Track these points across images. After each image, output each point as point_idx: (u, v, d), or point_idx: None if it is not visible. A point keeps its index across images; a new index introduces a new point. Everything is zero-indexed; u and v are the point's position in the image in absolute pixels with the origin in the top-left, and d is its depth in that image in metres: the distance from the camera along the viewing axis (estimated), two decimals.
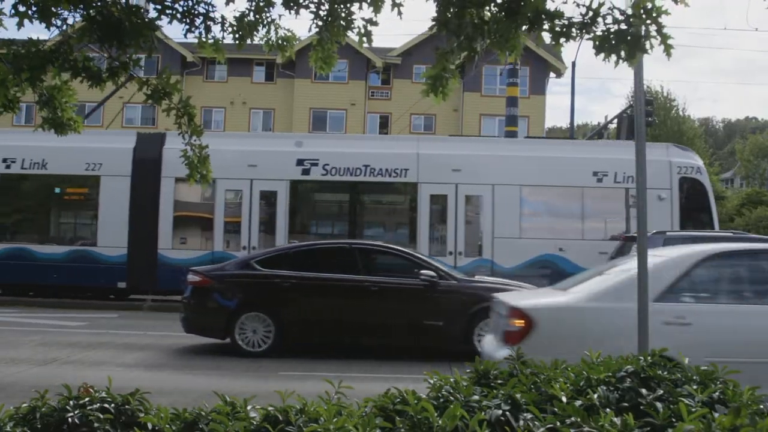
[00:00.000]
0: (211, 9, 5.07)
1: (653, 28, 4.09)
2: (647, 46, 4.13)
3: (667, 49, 4.14)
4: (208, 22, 5.06)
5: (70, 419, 3.11)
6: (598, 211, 18.22)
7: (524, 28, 4.29)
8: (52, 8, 4.53)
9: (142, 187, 17.89)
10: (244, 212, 18.07)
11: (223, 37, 5.17)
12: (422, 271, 11.29)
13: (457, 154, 18.00)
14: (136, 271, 17.81)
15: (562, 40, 4.20)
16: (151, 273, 17.78)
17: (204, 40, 5.11)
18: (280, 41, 5.38)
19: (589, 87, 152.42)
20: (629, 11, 4.15)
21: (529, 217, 17.97)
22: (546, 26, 4.21)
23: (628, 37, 4.11)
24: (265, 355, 10.84)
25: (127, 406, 3.27)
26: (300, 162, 17.99)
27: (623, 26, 4.12)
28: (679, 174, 17.66)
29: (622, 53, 4.15)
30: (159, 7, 4.92)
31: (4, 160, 18.40)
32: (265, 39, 5.33)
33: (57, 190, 19.01)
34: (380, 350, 11.19)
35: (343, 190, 18.60)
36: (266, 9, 5.15)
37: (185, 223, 18.65)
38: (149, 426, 3.08)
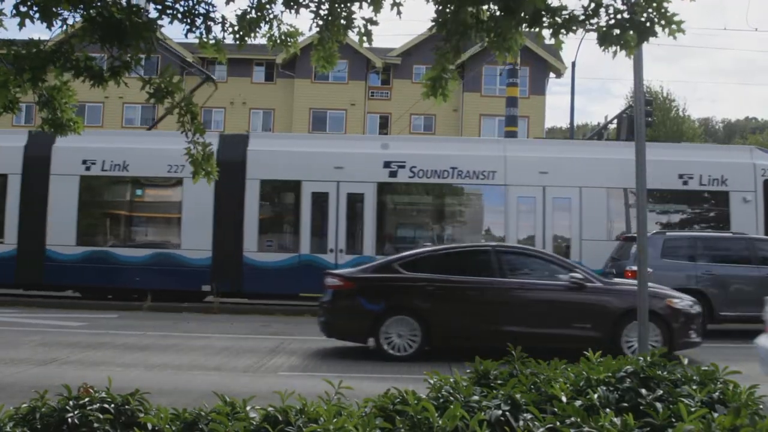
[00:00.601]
0: (211, 9, 5.07)
1: (655, 15, 4.07)
2: (654, 30, 4.09)
3: (673, 32, 4.08)
4: (209, 22, 5.06)
5: (69, 419, 3.11)
6: (683, 214, 18.21)
7: (523, 26, 4.28)
8: (53, 8, 4.52)
9: (227, 189, 17.47)
10: (331, 214, 17.81)
11: (224, 37, 5.17)
12: (571, 274, 11.20)
13: (544, 157, 17.91)
14: (220, 273, 17.54)
15: (562, 33, 4.19)
16: (236, 276, 17.55)
17: (205, 40, 5.11)
18: (283, 37, 5.37)
19: (589, 87, 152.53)
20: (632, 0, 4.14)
21: (616, 219, 17.84)
22: (546, 22, 4.20)
23: (633, 25, 4.08)
24: (411, 360, 10.66)
25: (126, 407, 3.27)
26: (387, 164, 17.80)
27: (626, 15, 4.11)
28: (763, 176, 17.61)
29: (626, 41, 4.13)
30: (159, 7, 4.92)
31: (84, 162, 18.10)
32: (268, 35, 5.32)
33: (139, 192, 18.82)
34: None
35: (430, 193, 18.41)
36: (268, 6, 5.15)
37: (271, 226, 18.49)
38: (149, 426, 3.08)
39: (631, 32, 4.09)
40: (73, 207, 18.05)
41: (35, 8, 4.49)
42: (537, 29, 4.24)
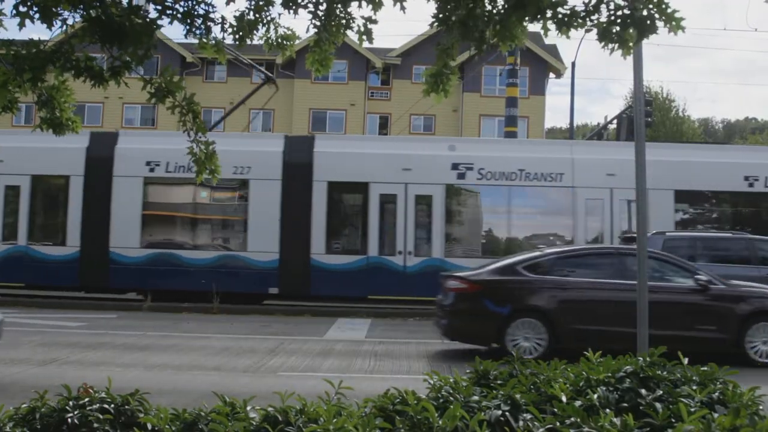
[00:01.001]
0: (211, 9, 5.07)
1: (655, 11, 4.07)
2: (654, 26, 4.10)
3: (675, 28, 4.08)
4: (209, 23, 5.06)
5: (69, 420, 3.11)
6: (748, 216, 18.19)
7: (527, 18, 4.29)
8: (53, 8, 4.53)
9: (293, 191, 17.57)
10: (399, 216, 17.73)
11: (224, 38, 5.17)
12: (695, 276, 11.19)
13: (611, 159, 17.83)
14: (288, 276, 17.49)
15: (564, 29, 4.20)
16: (303, 278, 17.47)
17: (205, 41, 5.11)
18: (279, 40, 5.38)
19: (589, 88, 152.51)
20: None
21: (682, 221, 17.87)
22: (549, 14, 4.21)
23: (633, 21, 4.08)
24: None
25: (126, 407, 3.27)
26: (455, 166, 17.75)
27: (626, 11, 4.11)
28: None
29: (626, 38, 4.13)
30: (159, 7, 4.92)
31: (148, 163, 18.00)
32: (265, 38, 5.32)
33: (204, 194, 18.66)
34: (383, 350, 11.19)
35: (497, 195, 18.22)
36: (266, 8, 5.15)
37: (338, 228, 18.41)
38: (149, 426, 3.08)
39: (632, 29, 4.09)
40: (137, 209, 17.93)
41: (35, 8, 4.49)
42: (541, 21, 4.25)
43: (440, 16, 4.49)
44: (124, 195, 17.74)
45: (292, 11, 4.91)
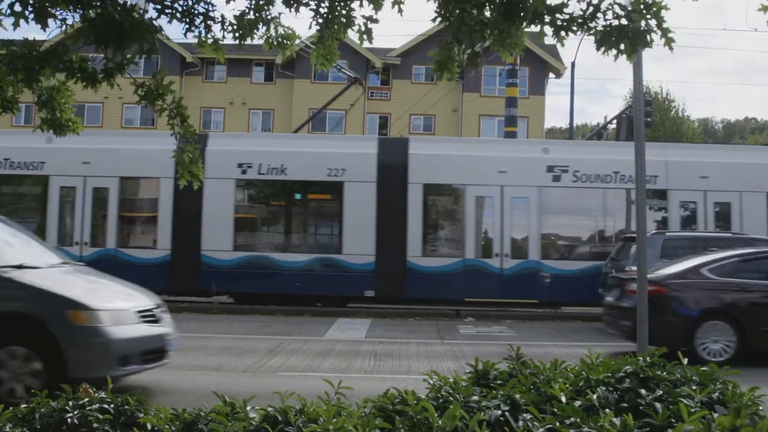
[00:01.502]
0: (210, 8, 5.08)
1: (653, 22, 4.10)
2: (648, 40, 4.14)
3: (668, 43, 4.14)
4: (208, 22, 5.07)
5: (69, 420, 3.11)
6: None
7: (524, 24, 4.30)
8: (49, 9, 4.52)
9: (389, 193, 17.45)
10: (496, 218, 17.67)
11: (223, 37, 5.17)
12: None
13: (705, 162, 17.87)
14: (383, 279, 17.35)
15: (562, 34, 4.21)
16: (399, 281, 17.34)
17: (204, 39, 5.11)
18: (280, 39, 5.38)
19: (588, 88, 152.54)
20: (629, 7, 4.17)
21: None
22: (547, 20, 4.22)
23: (629, 32, 4.12)
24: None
25: (126, 407, 3.27)
26: (550, 168, 17.70)
27: (624, 21, 4.14)
28: None
29: (623, 47, 4.16)
30: (158, 6, 4.93)
31: (240, 165, 17.84)
32: (266, 37, 5.32)
33: (297, 196, 18.55)
34: (383, 350, 11.18)
35: (592, 197, 18.12)
36: (266, 7, 5.16)
37: (434, 230, 18.35)
38: (148, 426, 3.08)
39: (626, 41, 4.12)
40: (228, 211, 17.77)
41: (30, 8, 4.49)
42: (539, 26, 4.26)
43: (442, 12, 4.50)
44: (216, 197, 17.48)
45: (293, 9, 4.91)
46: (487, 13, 4.48)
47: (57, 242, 17.13)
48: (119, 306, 7.53)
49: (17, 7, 4.47)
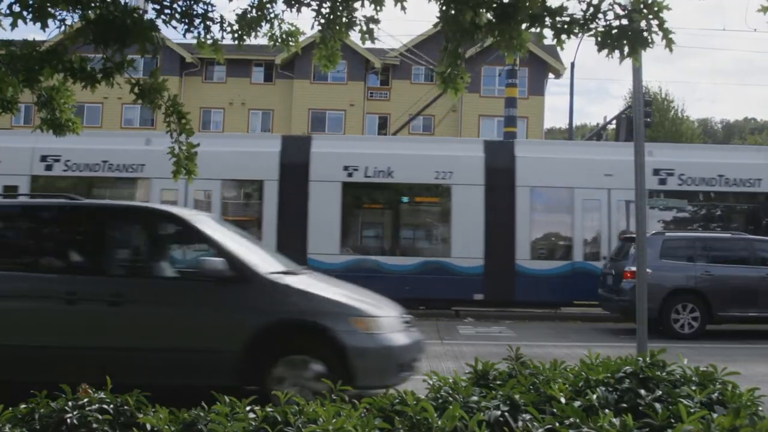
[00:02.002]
0: (210, 9, 5.08)
1: (654, 23, 4.10)
2: (649, 40, 4.14)
3: (669, 44, 4.14)
4: (207, 22, 5.07)
5: (68, 420, 3.11)
6: None
7: (524, 26, 4.30)
8: (49, 9, 4.52)
9: (496, 196, 17.33)
10: (603, 222, 17.63)
11: (223, 37, 5.17)
12: None
13: None
14: (493, 282, 17.22)
15: (563, 36, 4.21)
16: (508, 284, 17.24)
17: (203, 40, 5.11)
18: (284, 36, 5.38)
19: (588, 88, 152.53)
20: (630, 7, 4.17)
21: None
22: (548, 23, 4.22)
23: (630, 33, 4.12)
24: None
25: (125, 407, 3.27)
26: (656, 171, 17.58)
27: (624, 22, 4.13)
28: None
29: (625, 49, 4.16)
30: (157, 7, 4.93)
31: (346, 168, 17.64)
32: (269, 34, 5.32)
33: (405, 199, 18.36)
34: None
35: (696, 199, 18.19)
36: (268, 5, 5.16)
37: (542, 233, 18.22)
38: (148, 427, 3.08)
39: (626, 41, 4.12)
40: (335, 214, 17.61)
41: (28, 9, 4.49)
42: (539, 29, 4.26)
43: (444, 17, 4.50)
44: (321, 200, 17.35)
45: (294, 10, 4.91)
46: (485, 16, 4.49)
47: None
48: (389, 312, 7.25)
49: (16, 8, 4.47)
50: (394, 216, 18.51)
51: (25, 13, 4.48)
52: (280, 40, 5.38)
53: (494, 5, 4.33)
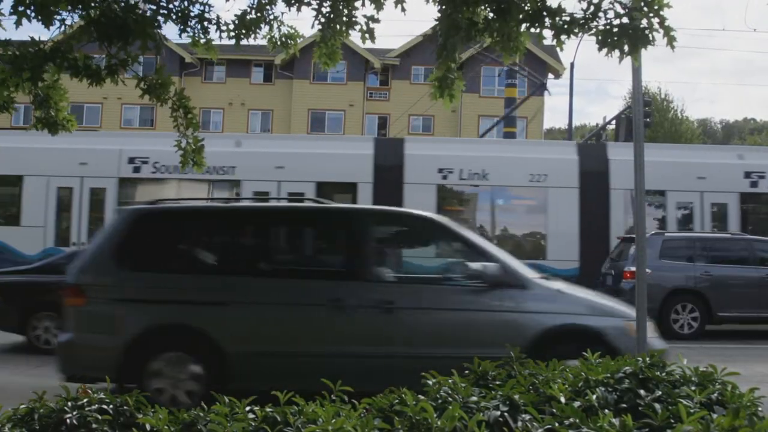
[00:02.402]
0: (207, 9, 5.08)
1: (655, 20, 4.10)
2: (650, 38, 4.13)
3: (670, 41, 4.14)
4: (204, 23, 5.07)
5: (68, 420, 3.11)
6: None
7: (524, 26, 4.30)
8: (51, 8, 4.53)
9: (590, 199, 17.43)
10: (695, 224, 17.68)
11: (220, 37, 5.18)
12: None
13: None
14: (588, 284, 17.46)
15: (563, 36, 4.21)
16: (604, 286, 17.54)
17: (197, 39, 5.12)
18: (283, 39, 5.39)
19: (587, 88, 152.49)
20: (630, 4, 4.16)
21: None
22: (548, 23, 4.22)
23: (630, 31, 4.11)
24: None
25: (125, 407, 3.26)
26: (747, 174, 17.73)
27: (625, 20, 4.13)
28: None
29: (626, 48, 4.16)
30: (154, 7, 4.93)
31: (441, 171, 17.70)
32: (269, 36, 5.33)
33: (500, 201, 18.43)
34: None
35: None
36: (268, 7, 5.16)
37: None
38: (147, 427, 3.08)
39: (627, 39, 4.12)
40: None
41: (32, 8, 4.50)
42: (538, 29, 4.26)
43: (443, 17, 4.50)
44: (416, 203, 16.80)
45: (295, 9, 4.91)
46: (483, 13, 4.49)
47: None
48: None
49: (20, 7, 4.48)
50: (489, 219, 18.50)
51: (29, 12, 4.49)
52: (279, 42, 5.39)
53: (491, 1, 4.33)
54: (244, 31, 5.14)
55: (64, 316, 7.23)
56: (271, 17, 5.25)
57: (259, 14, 5.16)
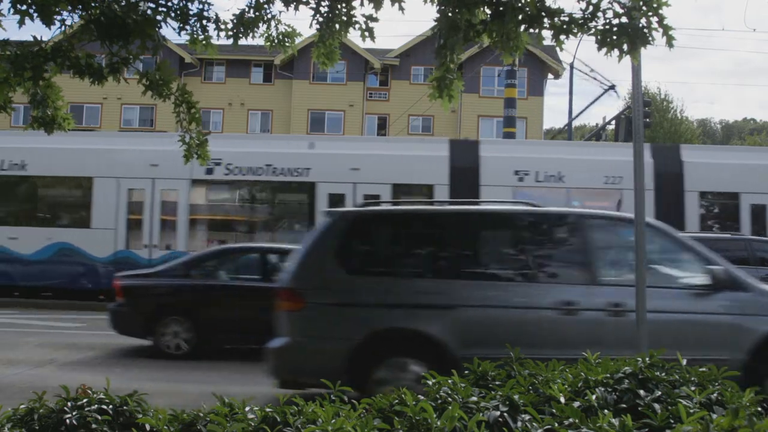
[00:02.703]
0: (206, 8, 5.09)
1: (654, 20, 4.11)
2: (649, 37, 4.14)
3: (669, 41, 4.15)
4: (203, 21, 5.08)
5: (68, 420, 3.11)
6: None
7: (523, 27, 4.30)
8: (52, 7, 4.54)
9: (665, 201, 17.42)
10: None
11: (218, 36, 5.18)
12: None
13: None
14: None
15: (562, 37, 4.21)
16: None
17: (195, 37, 5.12)
18: (281, 38, 5.39)
19: (587, 89, 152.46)
20: (629, 4, 4.17)
21: None
22: (546, 23, 4.22)
23: (630, 30, 4.12)
24: None
25: (125, 407, 3.26)
26: None
27: (624, 19, 4.14)
28: None
29: (625, 47, 4.17)
30: (153, 5, 4.94)
31: (517, 173, 17.70)
32: (266, 35, 5.33)
33: (575, 203, 18.22)
34: None
35: None
36: (266, 6, 5.17)
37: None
38: (147, 427, 3.08)
39: (626, 39, 4.13)
40: None
41: (33, 7, 4.50)
42: (537, 30, 4.27)
43: (442, 18, 4.50)
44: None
45: (293, 8, 4.91)
46: (482, 14, 4.50)
47: None
48: None
49: (20, 6, 4.49)
50: None
51: (30, 11, 4.49)
52: (276, 41, 5.39)
53: (490, 3, 4.34)
54: (242, 30, 5.14)
55: (278, 320, 7.07)
56: (269, 16, 5.25)
57: (257, 13, 5.17)
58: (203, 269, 11.88)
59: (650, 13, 4.10)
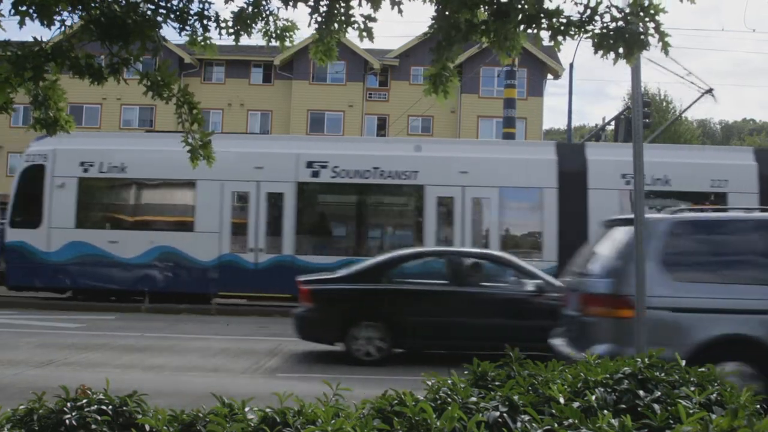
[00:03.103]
0: (206, 7, 5.08)
1: (651, 25, 4.12)
2: (645, 42, 4.16)
3: (665, 47, 4.17)
4: (204, 21, 5.07)
5: (67, 421, 3.11)
6: None
7: (521, 27, 4.31)
8: (52, 8, 4.54)
9: None
10: None
11: (219, 35, 5.18)
12: None
13: None
14: None
15: (560, 38, 4.22)
16: None
17: (195, 37, 5.12)
18: (279, 32, 5.38)
19: (587, 89, 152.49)
20: (627, 9, 4.18)
21: None
22: (545, 24, 4.23)
23: (626, 35, 4.13)
24: None
25: (124, 408, 3.26)
26: None
27: (621, 24, 4.15)
28: None
29: (621, 51, 4.18)
30: (152, 6, 4.93)
31: (624, 176, 17.48)
32: (264, 30, 5.32)
33: (682, 206, 18.49)
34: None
35: None
36: (264, 2, 5.16)
37: None
38: (147, 428, 3.08)
39: (622, 43, 4.14)
40: None
41: (33, 7, 4.50)
42: (536, 30, 4.27)
43: (440, 19, 4.50)
44: (600, 207, 16.81)
45: (290, 6, 4.90)
46: (481, 15, 4.49)
47: None
48: None
49: (21, 7, 4.49)
50: None
51: (30, 11, 4.49)
52: (274, 35, 5.38)
53: (490, 3, 4.34)
54: (241, 27, 5.13)
55: (594, 327, 7.34)
56: (267, 12, 5.25)
57: (255, 10, 5.16)
58: (393, 273, 11.65)
59: (647, 19, 4.11)
